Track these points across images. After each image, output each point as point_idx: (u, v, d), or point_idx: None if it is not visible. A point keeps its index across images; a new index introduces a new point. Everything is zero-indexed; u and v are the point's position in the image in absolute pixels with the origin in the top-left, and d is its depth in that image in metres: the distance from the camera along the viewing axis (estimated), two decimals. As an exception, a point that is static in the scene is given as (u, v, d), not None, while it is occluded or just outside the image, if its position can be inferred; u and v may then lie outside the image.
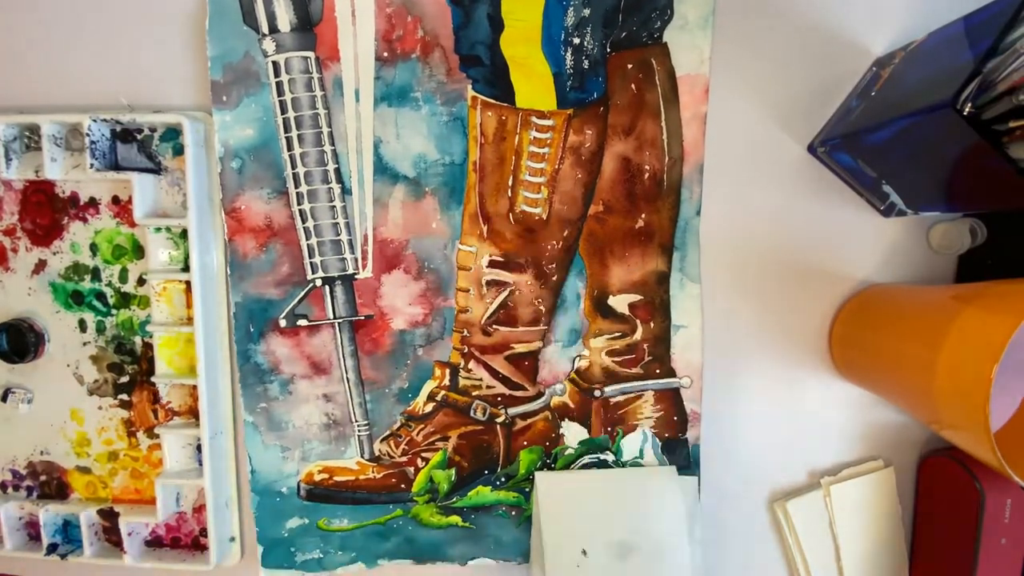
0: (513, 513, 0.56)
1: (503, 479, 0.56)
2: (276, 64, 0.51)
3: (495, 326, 0.54)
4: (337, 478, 0.56)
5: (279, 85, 0.51)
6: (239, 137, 0.52)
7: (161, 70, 0.53)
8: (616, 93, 0.51)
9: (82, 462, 0.57)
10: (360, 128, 0.52)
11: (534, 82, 0.51)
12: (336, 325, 0.54)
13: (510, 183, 0.52)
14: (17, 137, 0.53)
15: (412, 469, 0.55)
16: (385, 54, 0.51)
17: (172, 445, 0.55)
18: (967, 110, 0.36)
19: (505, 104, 0.51)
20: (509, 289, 0.54)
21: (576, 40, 0.50)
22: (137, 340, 0.56)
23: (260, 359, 0.54)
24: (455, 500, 0.56)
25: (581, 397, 0.55)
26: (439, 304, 0.54)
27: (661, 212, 0.53)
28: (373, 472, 0.55)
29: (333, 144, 0.52)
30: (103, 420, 0.56)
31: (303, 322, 0.54)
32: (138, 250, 0.54)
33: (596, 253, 0.54)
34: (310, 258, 0.53)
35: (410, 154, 0.52)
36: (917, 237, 0.54)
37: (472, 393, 0.55)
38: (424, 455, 0.55)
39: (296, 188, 0.52)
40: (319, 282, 0.53)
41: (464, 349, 0.55)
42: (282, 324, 0.54)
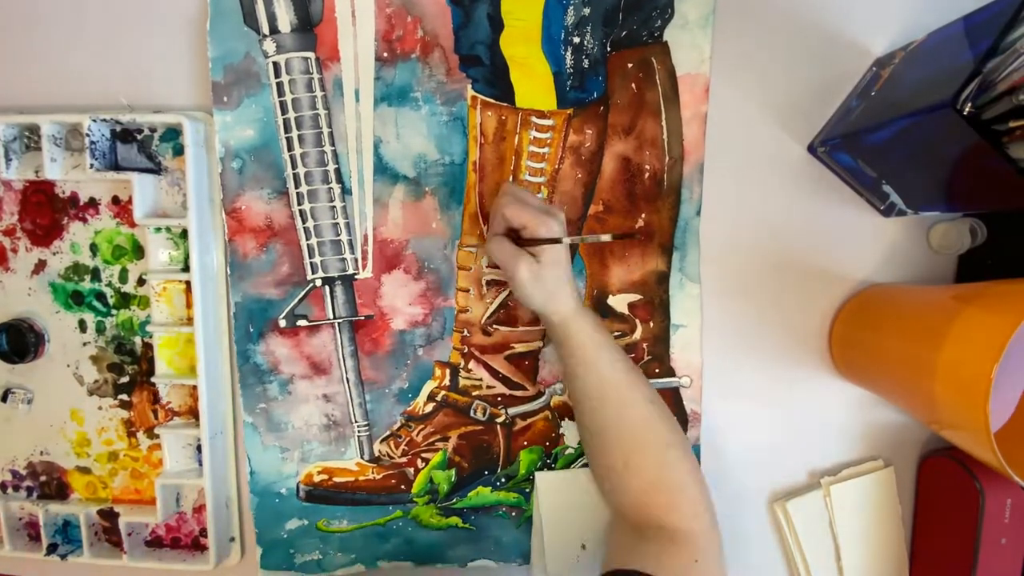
0: (513, 514, 0.56)
1: (503, 479, 0.56)
2: (276, 65, 0.51)
3: (495, 326, 0.54)
4: (337, 479, 0.55)
5: (279, 86, 0.51)
6: (240, 137, 0.52)
7: (162, 70, 0.53)
8: (616, 92, 0.51)
9: (82, 462, 0.57)
10: (360, 128, 0.52)
11: (534, 82, 0.51)
12: (336, 325, 0.54)
13: (510, 183, 0.52)
14: (17, 137, 0.53)
15: (412, 470, 0.55)
16: (385, 54, 0.51)
17: (172, 445, 0.55)
18: (967, 110, 0.36)
19: (505, 104, 0.51)
20: (509, 289, 0.54)
21: (576, 39, 0.50)
22: (137, 340, 0.56)
23: (260, 359, 0.54)
24: (455, 501, 0.56)
25: (581, 397, 0.55)
26: (439, 304, 0.54)
27: (661, 212, 0.53)
28: (373, 473, 0.55)
29: (333, 144, 0.52)
30: (103, 420, 0.56)
31: (303, 322, 0.54)
32: (138, 250, 0.54)
33: (596, 253, 0.53)
34: (310, 258, 0.53)
35: (410, 154, 0.52)
36: (917, 237, 0.54)
37: (472, 393, 0.55)
38: (424, 456, 0.55)
39: (296, 188, 0.52)
40: (319, 282, 0.53)
41: (464, 349, 0.55)
42: (282, 324, 0.54)
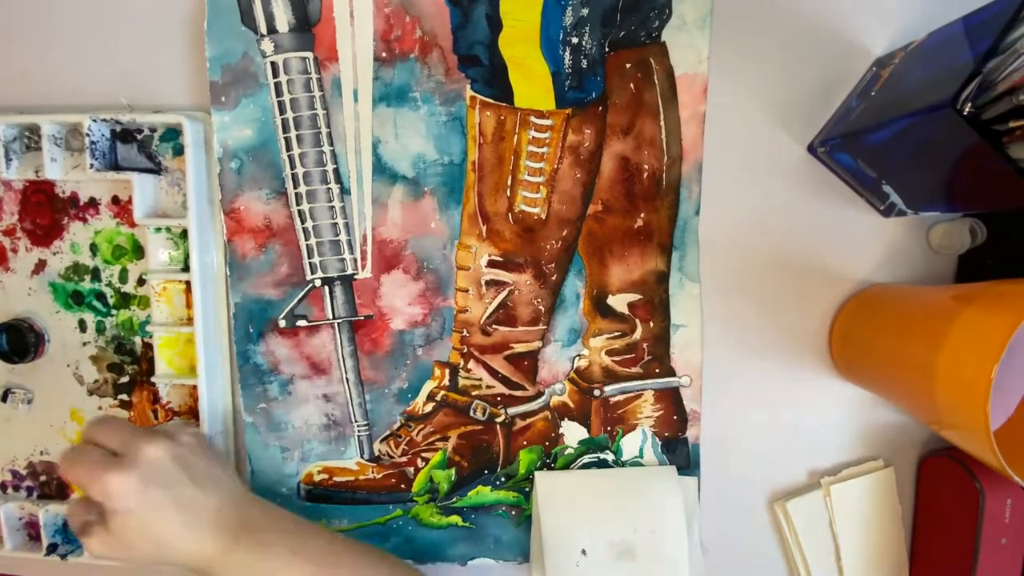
0: (513, 513, 0.56)
1: (503, 479, 0.56)
2: (275, 64, 0.51)
3: (494, 326, 0.54)
4: (337, 478, 0.56)
5: (277, 86, 0.51)
6: (238, 138, 0.52)
7: (161, 70, 0.53)
8: (615, 93, 0.51)
9: (82, 462, 0.57)
10: (359, 128, 0.52)
11: (533, 82, 0.51)
12: (335, 325, 0.54)
13: (509, 183, 0.52)
14: (17, 137, 0.53)
15: (412, 469, 0.56)
16: (383, 54, 0.51)
17: (172, 445, 0.55)
18: (967, 110, 0.36)
19: (504, 104, 0.51)
20: (508, 289, 0.54)
21: (574, 40, 0.50)
22: (137, 340, 0.56)
23: (260, 359, 0.54)
24: (455, 500, 0.56)
25: (581, 397, 0.55)
26: (438, 304, 0.54)
27: (660, 211, 0.53)
28: (373, 472, 0.56)
29: (332, 144, 0.52)
30: (103, 420, 0.57)
31: (302, 322, 0.54)
32: (138, 250, 0.55)
33: (595, 253, 0.53)
34: (309, 258, 0.53)
35: (409, 154, 0.52)
36: (917, 237, 0.53)
37: (472, 393, 0.55)
38: (424, 455, 0.55)
39: (295, 188, 0.52)
40: (318, 282, 0.53)
41: (463, 349, 0.55)
42: (281, 324, 0.54)
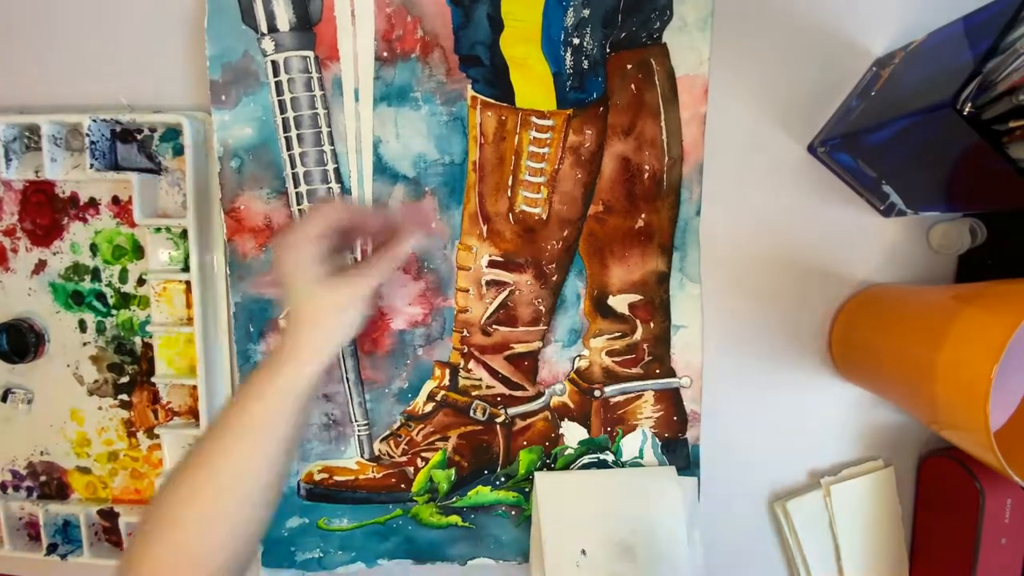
0: (513, 513, 0.56)
1: (503, 479, 0.56)
2: (275, 63, 0.51)
3: (495, 326, 0.54)
4: (337, 478, 0.56)
5: (278, 85, 0.51)
6: (238, 137, 0.52)
7: (161, 70, 0.53)
8: (616, 93, 0.51)
9: (82, 462, 0.57)
10: (360, 128, 0.52)
11: (534, 82, 0.51)
12: (336, 325, 0.54)
13: (510, 183, 0.52)
14: (17, 137, 0.53)
15: (412, 469, 0.55)
16: (385, 54, 0.51)
17: (172, 445, 0.55)
18: (967, 110, 0.36)
19: (505, 104, 0.51)
20: (509, 289, 0.54)
21: (576, 40, 0.50)
22: (137, 340, 0.56)
23: (260, 359, 0.54)
24: (455, 500, 0.56)
25: (581, 397, 0.55)
26: (439, 304, 0.54)
27: (661, 212, 0.53)
28: (373, 472, 0.55)
29: (332, 144, 0.52)
30: (103, 420, 0.56)
31: (303, 322, 0.54)
32: (138, 250, 0.54)
33: (596, 253, 0.53)
34: (310, 258, 0.53)
35: (410, 154, 0.52)
36: (917, 237, 0.54)
37: (472, 393, 0.55)
38: (424, 455, 0.55)
39: (295, 188, 0.52)
40: (319, 282, 0.53)
41: (464, 349, 0.55)
42: (282, 324, 0.54)
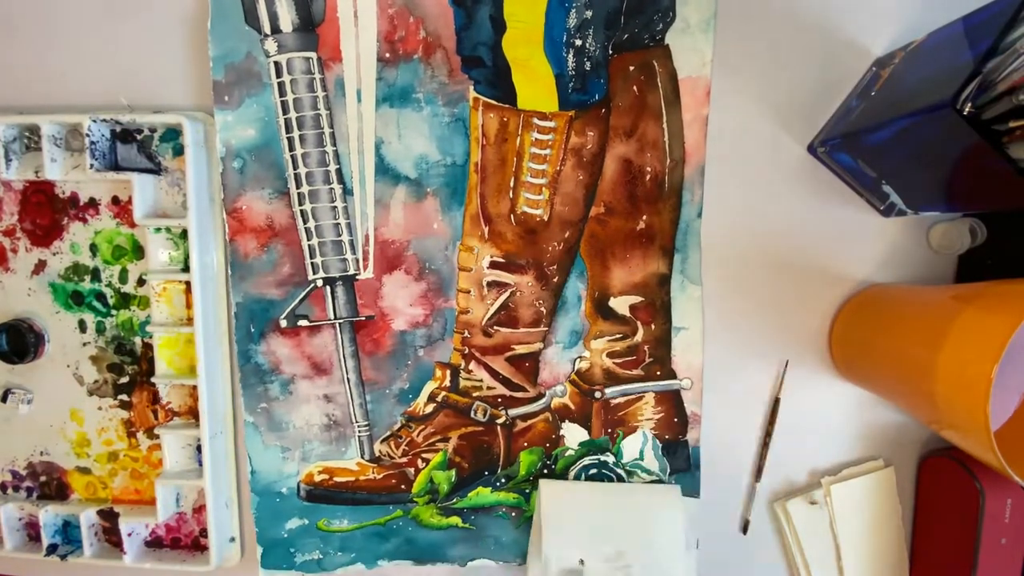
0: (513, 514, 0.56)
1: (503, 480, 0.56)
2: (278, 64, 0.51)
3: (496, 327, 0.54)
4: (337, 479, 0.55)
5: (281, 85, 0.51)
6: (241, 137, 0.52)
7: (162, 70, 0.53)
8: (618, 95, 0.51)
9: (82, 462, 0.57)
10: (362, 129, 0.52)
11: (536, 84, 0.51)
12: (337, 326, 0.54)
13: (511, 184, 0.52)
14: (17, 137, 0.53)
15: (412, 470, 0.55)
16: (387, 55, 0.51)
17: (172, 445, 0.55)
18: (967, 110, 0.36)
19: (507, 105, 0.51)
20: (510, 290, 0.54)
21: (578, 42, 0.50)
22: (137, 340, 0.55)
23: (261, 359, 0.54)
24: (455, 501, 0.56)
25: (582, 398, 0.55)
26: (440, 305, 0.54)
27: (662, 214, 0.53)
28: (373, 473, 0.55)
29: (335, 145, 0.52)
30: (103, 420, 0.56)
31: (304, 322, 0.54)
32: (138, 250, 0.54)
33: (597, 255, 0.54)
34: (311, 258, 0.53)
35: (412, 155, 0.52)
36: (917, 237, 0.54)
37: (472, 394, 0.55)
38: (424, 456, 0.55)
39: (298, 188, 0.52)
40: (320, 282, 0.53)
41: (465, 350, 0.55)
42: (283, 324, 0.54)
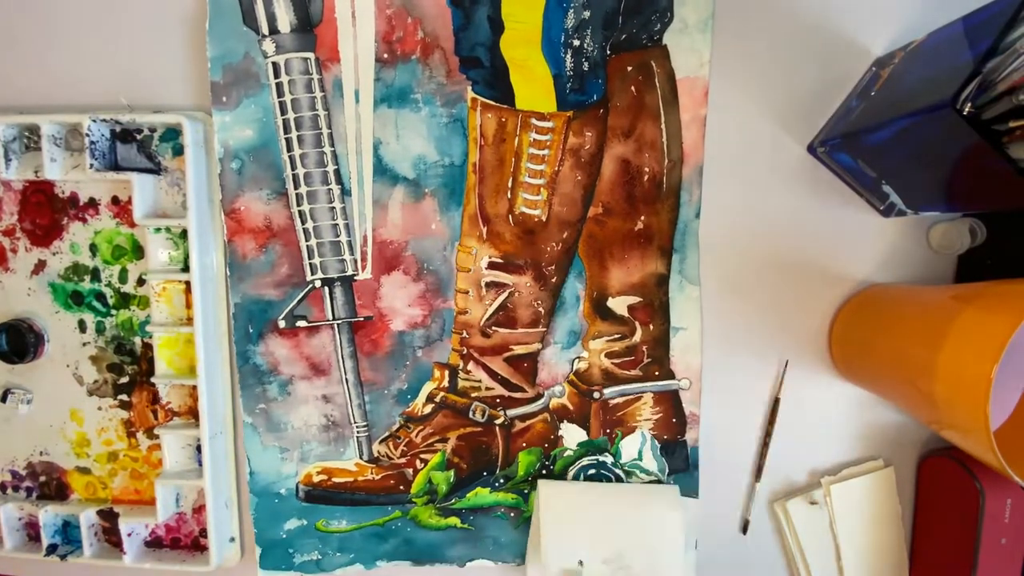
0: (512, 515, 0.56)
1: (502, 480, 0.56)
2: (276, 65, 0.51)
3: (494, 328, 0.54)
4: (336, 479, 0.55)
5: (279, 86, 0.51)
6: (239, 138, 0.52)
7: (161, 70, 0.53)
8: (616, 95, 0.51)
9: (82, 463, 0.57)
10: (360, 129, 0.52)
11: (534, 84, 0.51)
12: (335, 326, 0.54)
13: (510, 185, 0.52)
14: (17, 137, 0.53)
15: (411, 470, 0.55)
16: (385, 55, 0.51)
17: (172, 446, 0.55)
18: (967, 110, 0.36)
19: (505, 106, 0.51)
20: (508, 291, 0.54)
21: (576, 42, 0.50)
22: (137, 340, 0.56)
23: (259, 360, 0.54)
24: (454, 501, 0.56)
25: (580, 399, 0.55)
26: (438, 305, 0.54)
27: (660, 214, 0.53)
28: (372, 473, 0.55)
29: (333, 145, 0.52)
30: (103, 420, 0.56)
31: (302, 323, 0.54)
32: (138, 250, 0.54)
33: (595, 255, 0.53)
34: (309, 259, 0.53)
35: (410, 155, 0.52)
36: (917, 237, 0.54)
37: (471, 394, 0.55)
38: (423, 456, 0.55)
39: (296, 189, 0.52)
40: (318, 283, 0.53)
41: (463, 351, 0.54)
42: (281, 325, 0.54)
